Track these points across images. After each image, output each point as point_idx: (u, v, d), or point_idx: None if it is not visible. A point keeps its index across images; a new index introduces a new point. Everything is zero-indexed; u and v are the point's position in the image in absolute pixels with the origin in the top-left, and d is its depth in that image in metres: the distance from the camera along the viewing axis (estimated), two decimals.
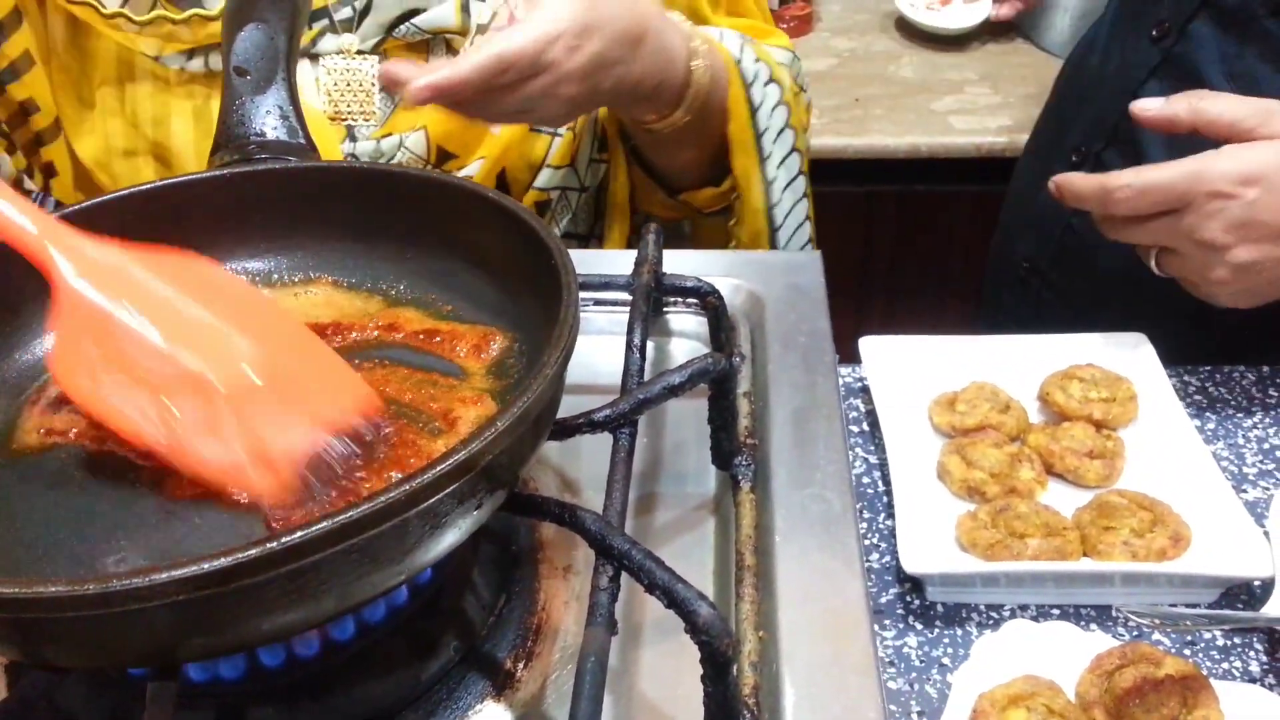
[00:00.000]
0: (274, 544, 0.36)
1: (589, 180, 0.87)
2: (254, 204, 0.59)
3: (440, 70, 0.61)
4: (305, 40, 0.75)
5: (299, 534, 0.37)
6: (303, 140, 0.58)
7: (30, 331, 0.56)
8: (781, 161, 0.83)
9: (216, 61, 0.75)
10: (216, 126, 0.59)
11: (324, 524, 0.37)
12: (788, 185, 0.84)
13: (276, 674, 0.47)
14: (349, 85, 0.75)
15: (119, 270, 0.47)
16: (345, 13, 0.75)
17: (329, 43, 0.76)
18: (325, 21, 0.75)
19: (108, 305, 0.46)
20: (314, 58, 0.76)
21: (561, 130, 0.82)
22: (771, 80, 0.82)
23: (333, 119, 0.76)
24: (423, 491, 0.39)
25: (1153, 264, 0.75)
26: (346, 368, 0.50)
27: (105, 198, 0.58)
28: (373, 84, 0.76)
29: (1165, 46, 0.86)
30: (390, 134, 0.77)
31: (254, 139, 0.58)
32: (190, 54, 0.75)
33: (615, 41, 0.67)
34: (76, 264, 0.46)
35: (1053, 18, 1.59)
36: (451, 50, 0.78)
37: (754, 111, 0.81)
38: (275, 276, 0.60)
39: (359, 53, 0.75)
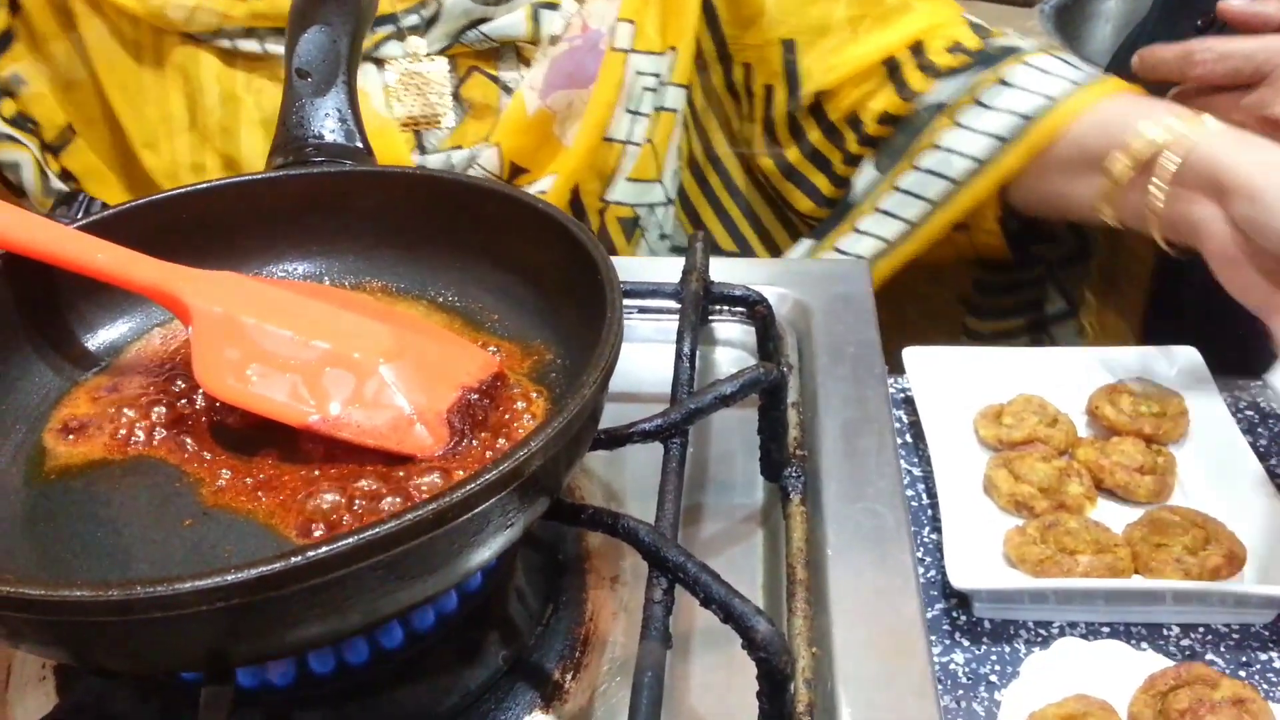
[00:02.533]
0: (298, 558, 0.36)
1: (672, 193, 0.86)
2: (307, 206, 0.59)
3: None
4: (368, 44, 0.74)
5: (324, 549, 0.36)
6: (360, 144, 0.58)
7: (32, 361, 0.55)
8: None
9: (273, 44, 0.75)
10: (276, 128, 0.59)
11: (350, 540, 0.37)
12: None
13: (326, 681, 0.47)
14: (418, 88, 0.75)
15: (239, 285, 0.53)
16: (412, 20, 0.75)
17: (394, 48, 0.75)
18: (391, 27, 0.75)
19: (237, 314, 0.51)
20: (379, 62, 0.76)
21: (638, 139, 0.81)
22: None
23: (404, 125, 0.76)
24: (452, 509, 0.38)
25: None
26: (461, 339, 0.56)
27: (158, 196, 0.58)
28: (445, 88, 0.75)
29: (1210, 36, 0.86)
30: (459, 146, 0.77)
31: (311, 141, 0.58)
32: (249, 32, 0.75)
33: None
34: (199, 290, 0.52)
35: (1094, 27, 1.58)
36: (523, 59, 0.77)
37: None
38: (326, 279, 0.60)
39: (426, 55, 0.75)
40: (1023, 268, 0.85)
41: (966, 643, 0.64)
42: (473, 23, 0.75)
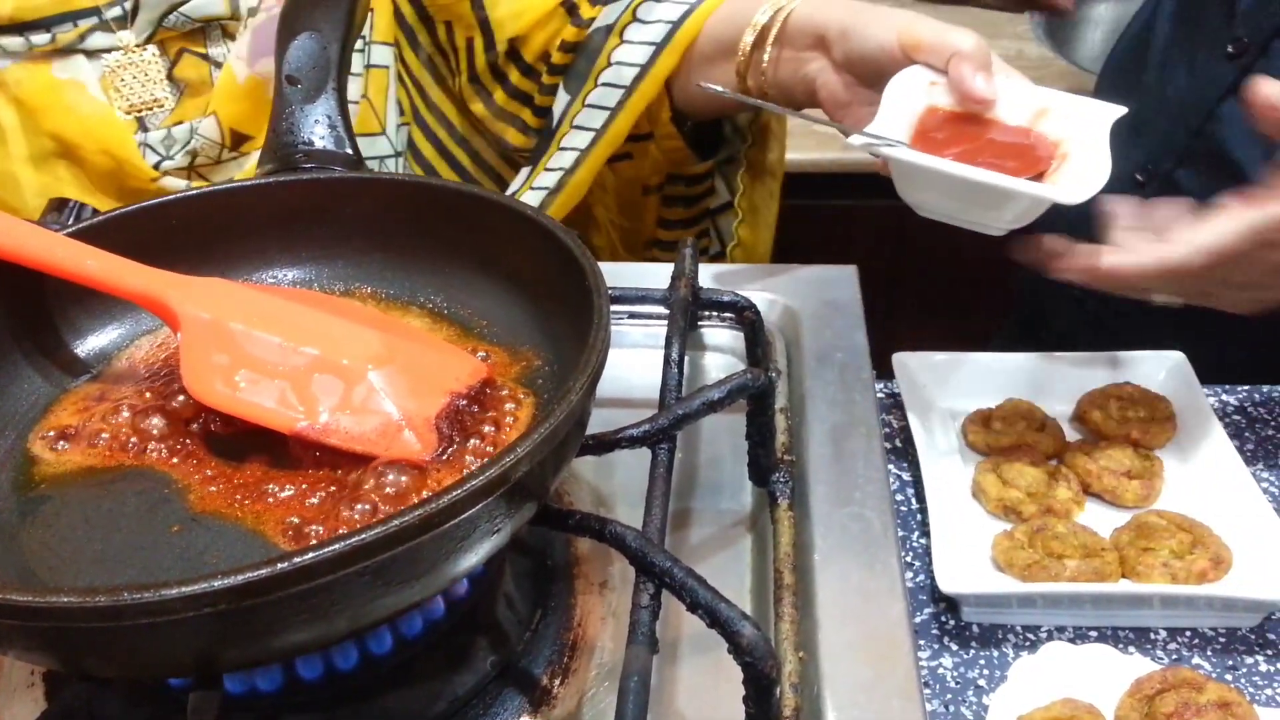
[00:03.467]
0: (285, 564, 0.36)
1: (400, 145, 0.91)
2: (297, 212, 0.59)
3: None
4: (73, 36, 0.75)
5: (311, 555, 0.36)
6: (349, 150, 0.59)
7: (22, 368, 0.55)
8: None
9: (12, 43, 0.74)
10: (265, 135, 0.59)
11: (336, 546, 0.37)
12: None
13: (315, 687, 0.47)
14: (135, 79, 0.77)
15: (229, 292, 0.53)
16: (115, 11, 0.76)
17: (101, 39, 0.76)
18: (95, 19, 0.75)
19: (226, 320, 0.51)
20: (90, 54, 0.76)
21: (354, 97, 0.84)
22: None
23: (128, 112, 0.78)
24: (438, 515, 0.39)
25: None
26: (449, 344, 0.56)
27: (148, 203, 0.58)
28: (159, 74, 0.78)
29: (1244, 64, 0.84)
30: (181, 121, 0.78)
31: (301, 147, 0.59)
32: None
33: None
34: (188, 296, 0.52)
35: (1085, 32, 1.58)
36: (227, 35, 0.79)
37: None
38: (316, 286, 0.60)
39: (136, 46, 0.76)
40: (701, 179, 0.96)
41: (955, 647, 0.64)
42: (172, 7, 0.77)
